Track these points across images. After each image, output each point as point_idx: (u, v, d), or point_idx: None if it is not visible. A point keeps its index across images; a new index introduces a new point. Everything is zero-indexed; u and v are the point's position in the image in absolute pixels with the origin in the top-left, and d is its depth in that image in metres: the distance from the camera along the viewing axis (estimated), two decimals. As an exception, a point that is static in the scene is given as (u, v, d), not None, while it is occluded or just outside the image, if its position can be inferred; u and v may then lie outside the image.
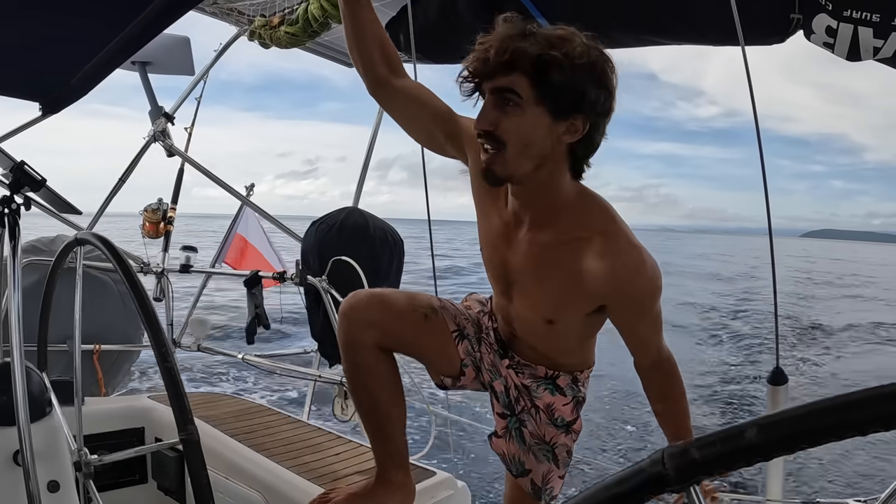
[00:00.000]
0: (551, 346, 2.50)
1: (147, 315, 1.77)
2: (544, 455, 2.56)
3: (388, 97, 2.42)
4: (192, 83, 5.85)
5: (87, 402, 3.25)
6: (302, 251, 4.84)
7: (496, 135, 2.03)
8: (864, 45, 2.80)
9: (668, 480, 0.67)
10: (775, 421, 0.63)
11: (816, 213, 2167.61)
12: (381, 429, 2.52)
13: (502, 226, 2.33)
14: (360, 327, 2.39)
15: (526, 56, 1.96)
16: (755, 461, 0.65)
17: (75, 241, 2.24)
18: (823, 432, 0.61)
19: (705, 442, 0.66)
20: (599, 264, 2.12)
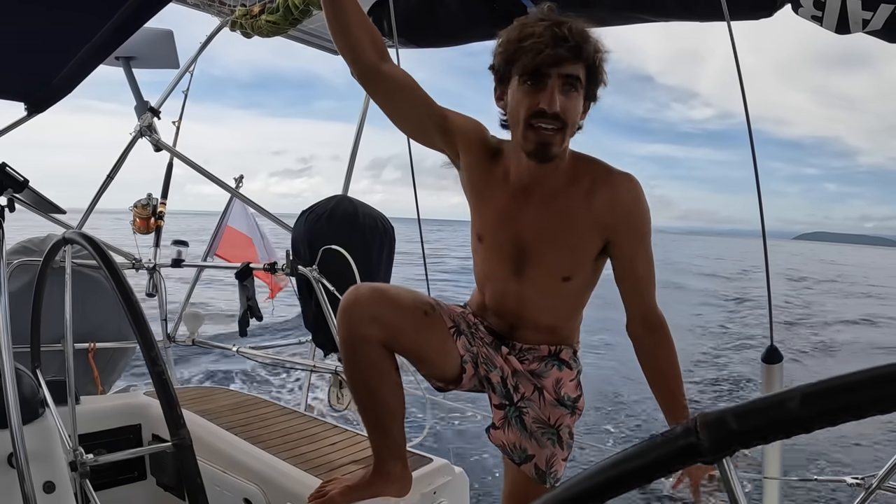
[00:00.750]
0: (560, 311, 2.62)
1: (135, 317, 1.76)
2: (548, 438, 2.56)
3: (375, 83, 2.42)
4: (177, 76, 5.81)
5: (84, 400, 3.25)
6: (292, 241, 4.80)
7: (561, 116, 2.22)
8: (852, 17, 2.77)
9: (702, 451, 0.64)
10: (821, 390, 0.60)
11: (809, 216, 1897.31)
12: (381, 423, 2.52)
13: (510, 203, 2.46)
14: (362, 322, 2.38)
15: (589, 50, 2.23)
16: (795, 433, 0.61)
17: (62, 241, 2.23)
18: (871, 404, 0.57)
19: (743, 410, 0.63)
20: (605, 195, 2.39)
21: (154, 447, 2.18)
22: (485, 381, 2.63)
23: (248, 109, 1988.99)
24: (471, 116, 2.55)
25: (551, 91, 2.19)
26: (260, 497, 2.83)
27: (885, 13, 2.68)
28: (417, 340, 2.51)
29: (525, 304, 2.57)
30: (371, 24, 2.41)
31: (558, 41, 2.17)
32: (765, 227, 3.10)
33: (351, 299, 2.42)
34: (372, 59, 2.35)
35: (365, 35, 2.33)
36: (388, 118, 2.50)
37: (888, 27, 2.73)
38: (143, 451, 2.55)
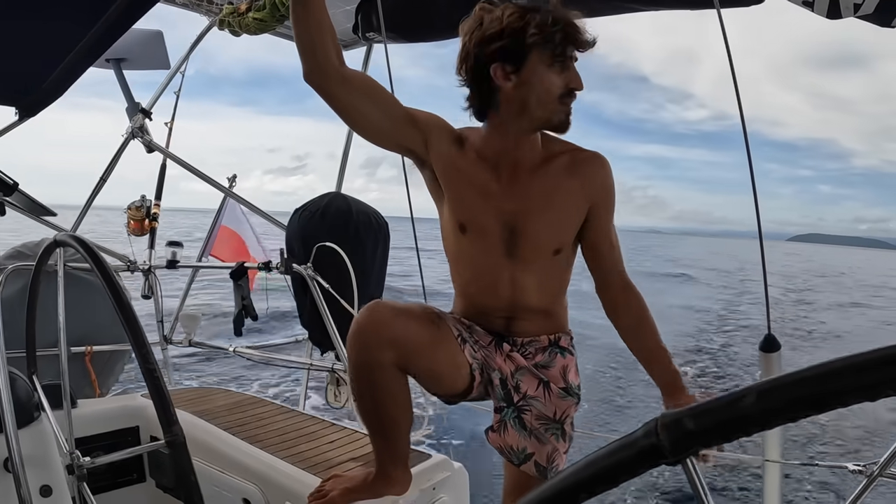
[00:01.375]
0: (553, 289, 2.66)
1: (127, 318, 1.76)
2: (552, 433, 2.56)
3: (335, 87, 2.34)
4: (167, 77, 5.80)
5: (81, 403, 3.25)
6: (286, 239, 4.80)
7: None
8: (843, 1, 2.77)
9: (663, 452, 0.64)
10: (775, 386, 0.60)
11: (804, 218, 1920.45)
12: (386, 435, 2.51)
13: (491, 181, 2.51)
14: (379, 347, 2.31)
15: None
16: (754, 430, 0.61)
17: (54, 244, 2.22)
18: (829, 397, 0.57)
19: (700, 410, 0.63)
20: (585, 169, 2.54)
21: (148, 446, 2.18)
22: (487, 385, 2.63)
23: (242, 107, 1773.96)
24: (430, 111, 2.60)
25: (575, 72, 2.38)
26: (259, 497, 2.83)
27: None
28: (431, 358, 2.46)
29: (519, 288, 2.57)
30: (333, 27, 2.34)
31: (570, 22, 2.32)
32: (760, 219, 3.10)
33: (367, 321, 2.35)
34: (334, 63, 2.30)
35: (330, 38, 2.28)
36: (348, 123, 2.47)
37: (880, 10, 2.72)
38: (136, 450, 2.53)
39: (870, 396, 0.56)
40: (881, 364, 0.55)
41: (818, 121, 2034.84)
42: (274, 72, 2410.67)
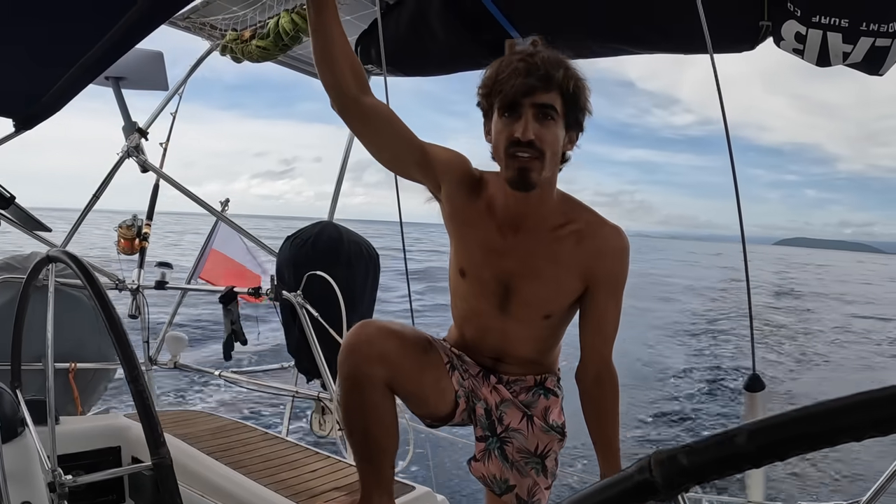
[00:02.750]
0: (541, 346, 2.67)
1: (118, 337, 1.75)
2: (532, 467, 2.58)
3: (356, 115, 2.42)
4: (165, 98, 5.81)
5: (63, 420, 3.23)
6: (277, 266, 4.81)
7: (537, 144, 2.27)
8: (833, 50, 2.82)
9: (656, 488, 0.65)
10: (766, 427, 0.61)
11: (790, 222, 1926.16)
12: (371, 460, 2.51)
13: (495, 237, 2.49)
14: (369, 362, 2.36)
15: (564, 79, 2.30)
16: (745, 468, 0.62)
17: (46, 259, 2.21)
18: (817, 438, 0.59)
19: (694, 448, 0.64)
20: (594, 244, 2.47)
21: (134, 467, 2.17)
22: (471, 413, 2.63)
23: (230, 111, 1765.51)
24: (453, 149, 2.58)
25: (525, 120, 2.27)
26: (242, 524, 2.81)
27: (864, 46, 2.75)
28: (418, 379, 2.51)
29: (508, 340, 2.61)
30: (355, 56, 2.41)
31: (529, 72, 2.26)
32: (745, 244, 3.11)
33: (359, 337, 2.40)
34: (352, 92, 2.34)
35: (348, 67, 2.32)
36: (367, 150, 2.50)
37: (868, 60, 2.79)
38: (122, 471, 2.52)
39: (856, 437, 0.58)
40: (866, 407, 0.57)
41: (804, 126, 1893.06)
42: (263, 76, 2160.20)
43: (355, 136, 2.53)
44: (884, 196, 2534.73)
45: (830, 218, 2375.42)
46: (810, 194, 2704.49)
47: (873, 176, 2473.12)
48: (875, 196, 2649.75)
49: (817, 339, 27.93)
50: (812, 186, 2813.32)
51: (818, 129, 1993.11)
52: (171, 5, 1.56)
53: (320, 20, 2.27)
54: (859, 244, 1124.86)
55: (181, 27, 5.12)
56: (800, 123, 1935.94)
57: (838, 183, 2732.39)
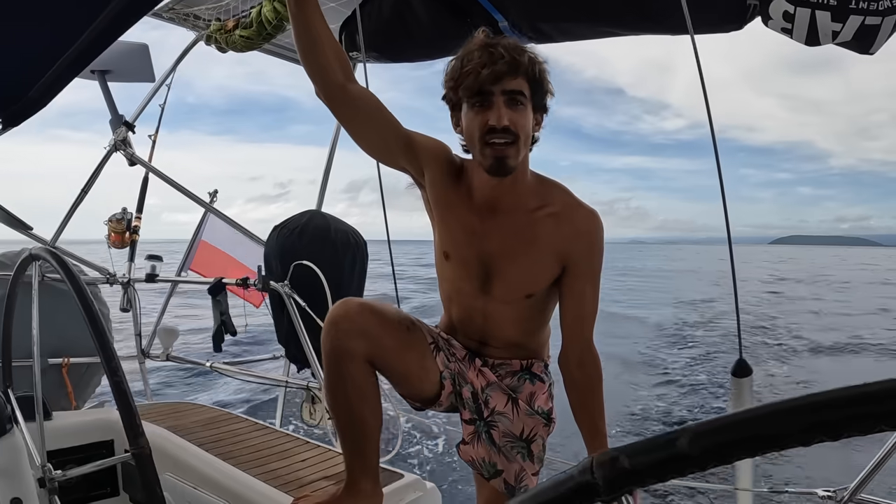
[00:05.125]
0: (525, 327, 2.70)
1: (96, 330, 1.77)
2: (518, 452, 2.59)
3: (339, 103, 2.43)
4: (152, 90, 5.78)
5: (56, 416, 3.24)
6: (265, 256, 4.81)
7: (512, 129, 2.34)
8: (822, 29, 2.81)
9: (598, 490, 0.64)
10: (709, 429, 0.60)
11: (785, 220, 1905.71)
12: (357, 441, 2.53)
13: (475, 220, 2.54)
14: (349, 336, 2.40)
15: (529, 64, 2.37)
16: (689, 471, 0.61)
17: (30, 258, 2.23)
18: (762, 442, 0.58)
19: (636, 450, 0.63)
20: (570, 226, 2.51)
21: (115, 458, 2.18)
22: (457, 397, 2.65)
23: (222, 136, 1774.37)
24: (435, 138, 2.62)
25: (498, 107, 2.33)
26: (230, 514, 2.83)
27: (854, 24, 2.73)
28: (400, 356, 2.54)
29: (491, 320, 2.64)
30: (337, 43, 2.43)
31: (494, 60, 2.31)
32: (731, 238, 3.14)
33: (339, 312, 2.45)
34: (338, 79, 2.37)
35: (332, 54, 2.35)
36: (352, 138, 2.53)
37: (858, 38, 2.78)
38: (104, 462, 2.52)
39: (803, 442, 0.57)
40: (815, 409, 0.56)
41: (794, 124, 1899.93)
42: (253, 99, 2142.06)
43: (344, 127, 2.54)
44: (878, 189, 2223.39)
45: (826, 214, 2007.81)
46: (804, 192, 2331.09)
47: (866, 170, 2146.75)
48: (869, 190, 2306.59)
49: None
50: (805, 184, 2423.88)
51: (808, 126, 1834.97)
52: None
53: (300, 9, 2.29)
54: (856, 238, 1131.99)
55: (165, 18, 5.10)
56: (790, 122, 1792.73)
57: (832, 179, 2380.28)
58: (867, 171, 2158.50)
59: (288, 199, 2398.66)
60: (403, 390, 2.67)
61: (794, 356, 20.90)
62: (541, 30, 3.90)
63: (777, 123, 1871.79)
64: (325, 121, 2.38)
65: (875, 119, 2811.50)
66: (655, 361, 19.17)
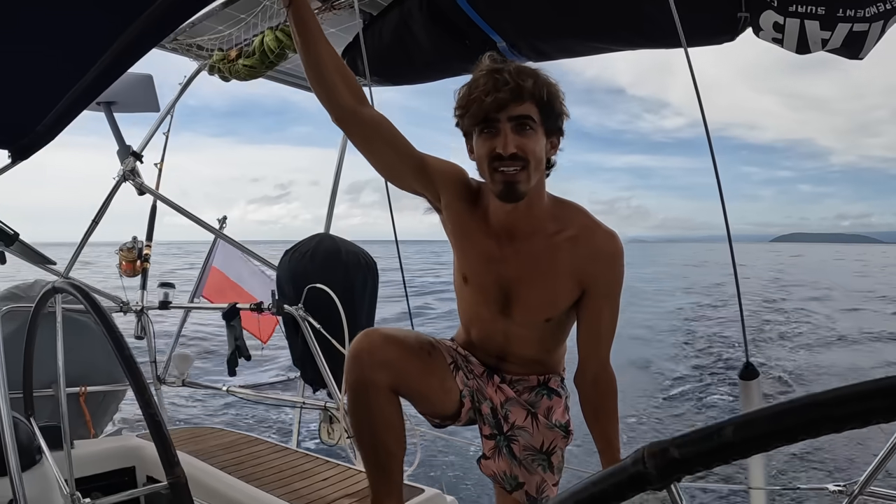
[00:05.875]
0: (543, 347, 2.72)
1: (128, 364, 1.80)
2: (539, 465, 2.63)
3: (352, 127, 2.47)
4: (158, 119, 5.82)
5: (77, 444, 3.27)
6: (277, 280, 4.88)
7: (520, 155, 2.32)
8: (811, 38, 2.86)
9: (650, 479, 0.69)
10: (751, 420, 0.65)
11: (786, 218, 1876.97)
12: (381, 465, 2.56)
13: (493, 246, 2.54)
14: (373, 369, 2.42)
15: (536, 87, 2.33)
16: (733, 459, 0.66)
17: (52, 290, 2.26)
18: (799, 429, 0.63)
19: (684, 440, 0.68)
20: (589, 248, 2.49)
21: (150, 487, 2.21)
22: (477, 412, 2.68)
23: (223, 137, 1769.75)
24: (451, 161, 2.62)
25: (504, 134, 2.32)
26: (257, 534, 2.86)
27: (843, 31, 2.78)
28: (423, 381, 2.57)
29: (511, 341, 2.67)
30: (347, 68, 2.46)
31: (498, 86, 2.30)
32: (731, 241, 3.17)
33: (362, 345, 2.46)
34: (348, 104, 2.40)
35: (340, 80, 2.37)
36: (367, 160, 2.54)
37: (847, 45, 2.83)
38: (139, 491, 2.55)
39: (837, 429, 0.62)
40: (848, 400, 0.61)
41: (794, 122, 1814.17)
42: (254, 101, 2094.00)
43: (358, 150, 2.56)
44: (878, 186, 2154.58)
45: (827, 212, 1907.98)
46: (805, 189, 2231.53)
47: (867, 167, 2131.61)
48: (870, 187, 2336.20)
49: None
50: (806, 181, 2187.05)
51: (809, 124, 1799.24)
52: (161, 29, 1.60)
53: (305, 39, 2.32)
54: (857, 236, 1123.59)
55: (168, 49, 5.16)
56: (790, 120, 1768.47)
57: (832, 176, 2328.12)
58: (868, 167, 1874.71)
59: (289, 199, 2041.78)
60: (424, 409, 2.70)
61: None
62: (539, 48, 3.95)
63: (777, 121, 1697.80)
64: (325, 122, 2.40)
65: (875, 116, 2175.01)
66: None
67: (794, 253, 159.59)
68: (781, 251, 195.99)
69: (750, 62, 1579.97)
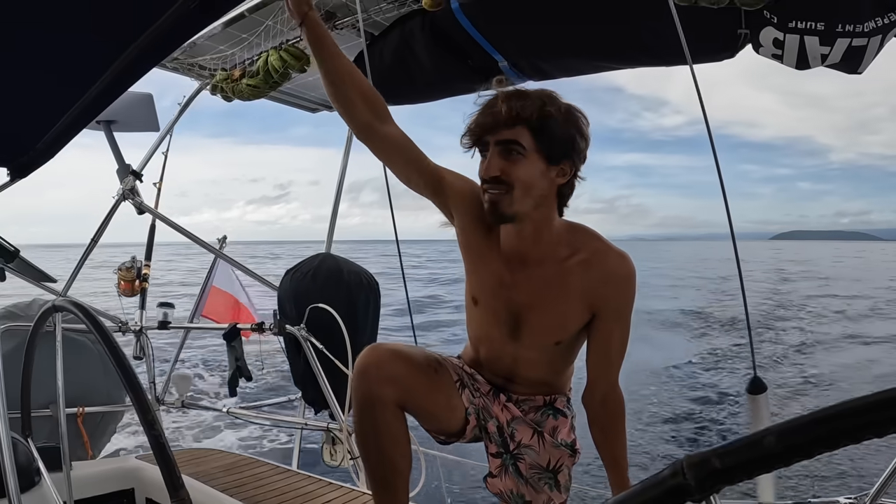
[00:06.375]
0: (552, 369, 2.71)
1: (131, 385, 1.77)
2: (545, 483, 2.60)
3: (371, 142, 2.49)
4: (157, 139, 5.82)
5: (75, 466, 3.24)
6: (279, 300, 4.86)
7: (503, 179, 2.31)
8: (811, 53, 2.87)
9: (690, 490, 0.67)
10: (793, 427, 0.64)
11: (785, 216, 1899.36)
12: (387, 483, 2.53)
13: (504, 270, 2.53)
14: (379, 384, 2.41)
15: (528, 112, 2.29)
16: (776, 468, 0.65)
17: (52, 308, 2.24)
18: (841, 436, 0.61)
19: (726, 450, 0.66)
20: (600, 272, 2.46)
21: None
22: (482, 430, 2.66)
23: (222, 138, 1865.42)
24: (467, 177, 2.62)
25: (489, 158, 2.34)
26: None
27: (842, 46, 2.79)
28: (429, 398, 2.55)
29: (520, 363, 2.66)
30: (367, 83, 2.49)
31: (489, 110, 2.34)
32: (735, 241, 3.14)
33: (368, 360, 2.45)
34: (366, 120, 2.43)
35: (358, 95, 2.40)
36: (393, 174, 2.61)
37: (846, 60, 2.84)
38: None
39: (878, 433, 0.60)
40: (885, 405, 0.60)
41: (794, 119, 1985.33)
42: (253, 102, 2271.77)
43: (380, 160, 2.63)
44: (878, 183, 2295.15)
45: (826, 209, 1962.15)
46: (804, 187, 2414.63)
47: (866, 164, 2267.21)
48: (869, 184, 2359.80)
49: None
50: (806, 179, 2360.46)
51: (808, 121, 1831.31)
52: (161, 50, 1.58)
53: (322, 55, 2.35)
54: (857, 233, 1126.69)
55: (169, 68, 5.17)
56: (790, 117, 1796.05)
57: (832, 173, 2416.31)
58: (867, 165, 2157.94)
59: (288, 199, 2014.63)
60: (429, 426, 2.68)
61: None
62: (540, 68, 3.95)
63: (777, 119, 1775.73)
64: (324, 123, 2.43)
65: (874, 113, 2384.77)
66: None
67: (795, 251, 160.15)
68: (781, 248, 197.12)
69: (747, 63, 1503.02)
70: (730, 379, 17.59)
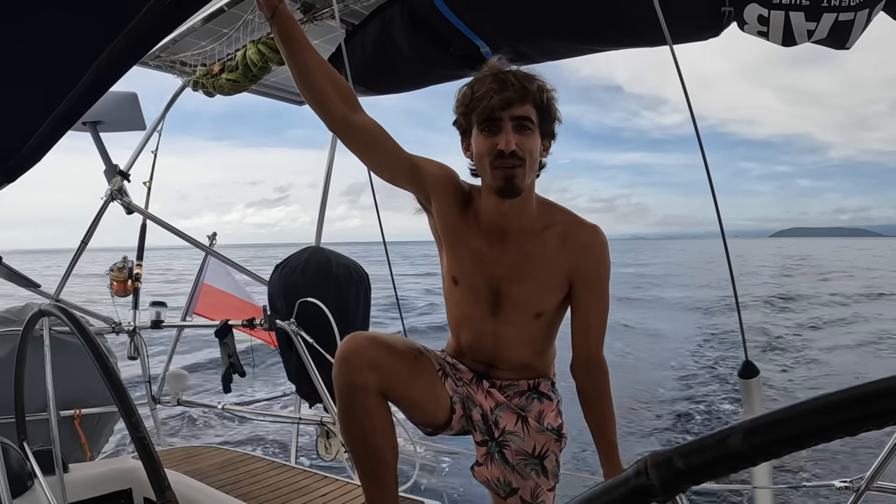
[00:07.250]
0: (534, 348, 2.73)
1: (115, 386, 1.77)
2: (532, 469, 2.60)
3: (346, 135, 2.50)
4: (144, 137, 5.80)
5: (73, 468, 3.24)
6: (269, 295, 4.84)
7: (519, 154, 2.40)
8: (797, 29, 2.84)
9: (654, 490, 0.66)
10: (759, 425, 0.62)
11: (785, 213, 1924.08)
12: (375, 472, 2.53)
13: (484, 246, 2.59)
14: (360, 370, 2.40)
15: (537, 92, 2.44)
16: (741, 467, 0.63)
17: (39, 313, 2.24)
18: (810, 435, 0.59)
19: (689, 450, 0.64)
20: (576, 244, 2.59)
21: None
22: (467, 419, 2.66)
23: (221, 141, 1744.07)
24: (441, 162, 2.66)
25: (506, 133, 2.40)
26: (255, 555, 2.83)
27: (828, 22, 2.76)
28: (411, 386, 2.55)
29: (501, 342, 2.66)
30: (337, 75, 2.48)
31: (504, 87, 2.40)
32: (727, 245, 3.14)
33: (349, 347, 2.45)
34: (340, 112, 2.43)
35: (331, 88, 2.40)
36: (363, 163, 2.62)
37: (833, 35, 2.81)
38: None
39: (850, 432, 0.59)
40: (857, 402, 0.58)
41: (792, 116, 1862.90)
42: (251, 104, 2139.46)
43: (354, 155, 2.60)
44: (877, 180, 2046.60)
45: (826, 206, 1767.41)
46: (803, 184, 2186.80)
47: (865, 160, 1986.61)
48: (868, 180, 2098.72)
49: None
50: (805, 176, 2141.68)
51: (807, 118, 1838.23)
52: (142, 46, 1.58)
53: (291, 50, 2.33)
54: (857, 230, 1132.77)
55: (152, 66, 5.16)
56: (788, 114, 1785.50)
57: (831, 170, 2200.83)
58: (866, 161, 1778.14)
59: (288, 202, 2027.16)
60: (415, 418, 2.69)
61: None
62: (522, 52, 3.93)
63: (775, 116, 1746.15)
64: (323, 124, 2.42)
65: (873, 109, 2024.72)
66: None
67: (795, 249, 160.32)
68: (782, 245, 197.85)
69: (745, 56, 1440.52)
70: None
